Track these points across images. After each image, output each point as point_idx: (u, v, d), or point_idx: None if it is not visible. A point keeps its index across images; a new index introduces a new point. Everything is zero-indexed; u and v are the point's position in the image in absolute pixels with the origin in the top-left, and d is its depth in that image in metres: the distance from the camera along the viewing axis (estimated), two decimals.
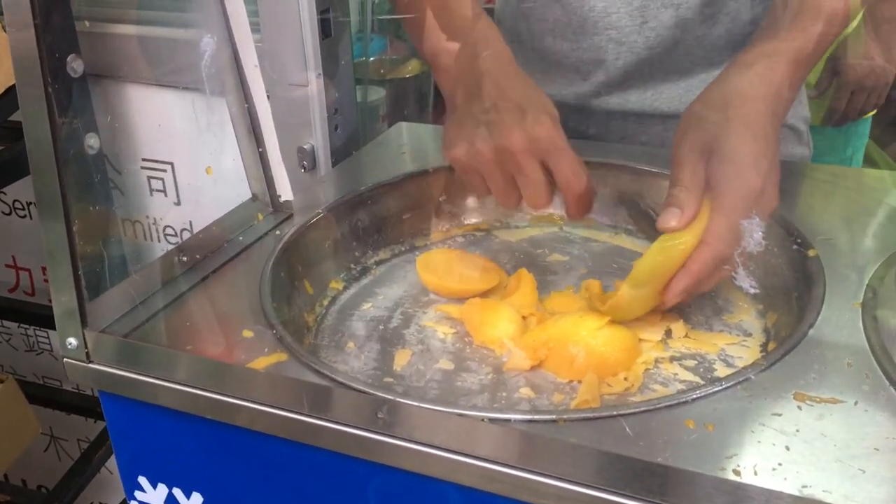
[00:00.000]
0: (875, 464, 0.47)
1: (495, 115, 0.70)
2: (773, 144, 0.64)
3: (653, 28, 0.89)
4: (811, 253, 0.67)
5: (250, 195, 0.78)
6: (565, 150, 0.70)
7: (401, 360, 0.68)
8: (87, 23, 0.93)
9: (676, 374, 0.64)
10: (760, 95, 0.65)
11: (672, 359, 0.66)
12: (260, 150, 0.76)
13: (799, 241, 0.69)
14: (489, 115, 0.70)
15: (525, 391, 0.64)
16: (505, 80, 0.72)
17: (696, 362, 0.65)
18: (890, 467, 0.46)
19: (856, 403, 0.51)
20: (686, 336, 0.68)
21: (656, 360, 0.66)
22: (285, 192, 0.79)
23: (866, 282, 0.63)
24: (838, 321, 0.59)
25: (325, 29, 0.96)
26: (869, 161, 1.71)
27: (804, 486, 0.45)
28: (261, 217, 0.78)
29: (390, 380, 0.66)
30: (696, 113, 0.66)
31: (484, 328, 0.70)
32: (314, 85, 0.95)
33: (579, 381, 0.64)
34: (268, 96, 1.00)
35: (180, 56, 0.91)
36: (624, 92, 0.93)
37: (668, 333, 0.68)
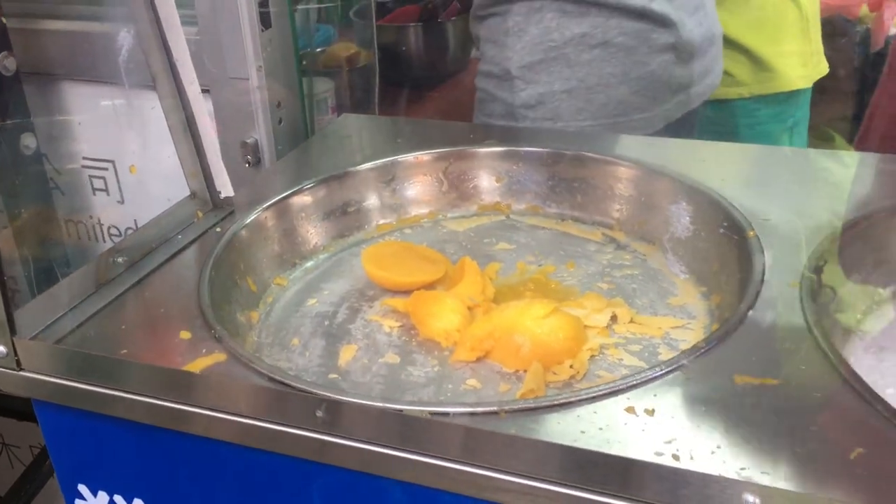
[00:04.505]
0: (812, 443, 0.47)
1: None
2: None
3: None
4: (750, 234, 0.68)
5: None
6: None
7: (346, 355, 0.67)
8: (3, 19, 0.90)
9: (622, 359, 0.64)
10: None
11: (617, 344, 0.66)
12: (196, 145, 0.75)
13: (739, 222, 0.69)
14: None
15: (472, 382, 0.63)
16: None
17: (641, 347, 0.65)
18: (827, 446, 0.47)
19: (792, 383, 0.52)
20: (631, 321, 0.68)
21: (602, 347, 0.65)
22: (225, 188, 0.78)
23: (804, 261, 0.63)
24: (777, 301, 0.60)
25: (265, 21, 0.94)
26: (826, 139, 1.73)
27: (742, 469, 0.45)
28: (200, 214, 0.76)
29: (335, 376, 0.65)
30: None
31: (429, 321, 0.69)
32: (255, 78, 0.94)
33: (525, 371, 0.63)
34: (208, 91, 0.98)
35: (113, 52, 0.89)
36: None
37: (614, 319, 0.68)
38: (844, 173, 0.81)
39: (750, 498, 0.43)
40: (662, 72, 1.03)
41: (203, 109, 0.74)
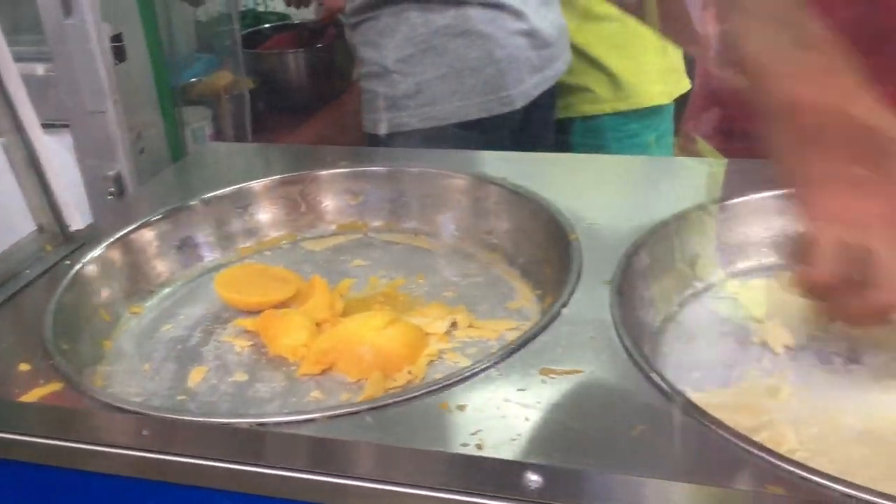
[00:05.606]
0: (600, 424, 0.51)
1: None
2: None
3: None
4: (572, 237, 0.72)
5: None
6: None
7: (196, 377, 0.69)
8: None
9: (458, 362, 0.68)
10: None
11: (455, 349, 0.69)
12: (42, 180, 0.75)
13: (563, 227, 0.74)
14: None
15: (315, 394, 0.66)
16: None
17: (477, 349, 0.69)
18: (613, 426, 0.51)
19: (592, 372, 0.56)
20: (470, 326, 0.72)
21: (441, 352, 0.69)
22: (74, 221, 0.79)
23: (617, 261, 0.68)
24: (589, 299, 0.64)
25: (119, 54, 0.95)
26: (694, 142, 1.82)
27: (534, 453, 0.49)
28: (49, 248, 0.77)
29: (183, 397, 0.66)
30: None
31: (278, 338, 0.71)
32: (112, 111, 0.95)
33: (368, 379, 0.66)
34: (67, 125, 0.99)
35: None
36: None
37: (455, 325, 0.72)
38: (675, 178, 0.87)
39: (532, 477, 0.47)
40: (520, 54, 1.18)
41: (46, 143, 0.75)
